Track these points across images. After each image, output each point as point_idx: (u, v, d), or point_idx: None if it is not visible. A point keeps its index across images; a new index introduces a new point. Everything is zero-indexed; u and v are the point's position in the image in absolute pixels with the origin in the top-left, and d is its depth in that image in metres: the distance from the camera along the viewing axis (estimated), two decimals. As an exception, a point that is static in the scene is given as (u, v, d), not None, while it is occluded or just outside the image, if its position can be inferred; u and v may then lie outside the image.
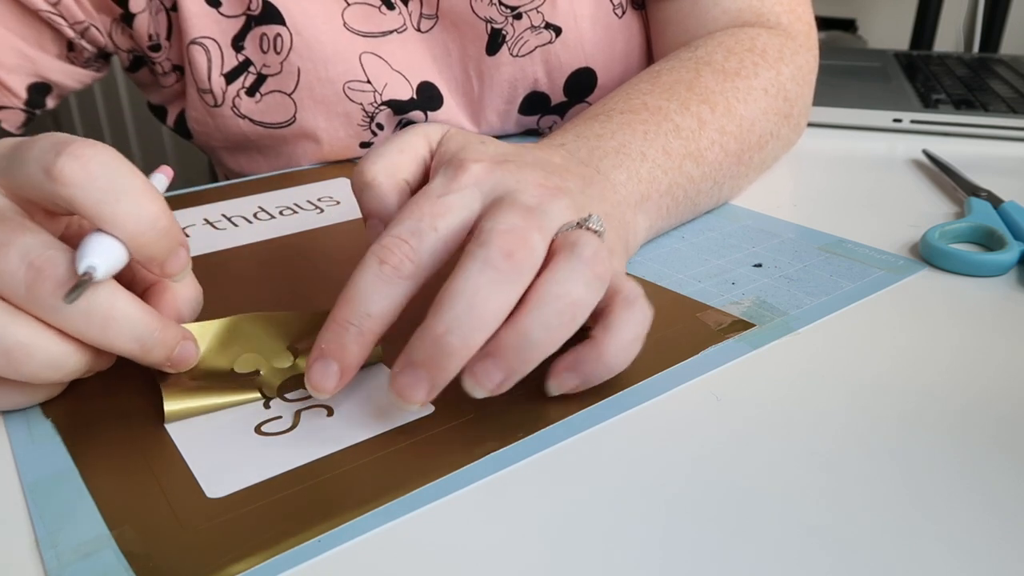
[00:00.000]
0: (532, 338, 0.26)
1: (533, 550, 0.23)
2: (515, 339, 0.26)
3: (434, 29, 0.58)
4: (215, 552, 0.23)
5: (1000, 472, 0.26)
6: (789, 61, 0.50)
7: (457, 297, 0.26)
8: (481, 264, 0.26)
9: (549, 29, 0.57)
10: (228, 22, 0.54)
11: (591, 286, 0.27)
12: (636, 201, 0.39)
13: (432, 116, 0.59)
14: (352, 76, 0.56)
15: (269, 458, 0.27)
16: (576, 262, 0.27)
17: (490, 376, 0.27)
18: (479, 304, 0.26)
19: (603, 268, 0.28)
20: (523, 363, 0.27)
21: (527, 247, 0.27)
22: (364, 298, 0.28)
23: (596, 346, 0.29)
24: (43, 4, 0.53)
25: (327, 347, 0.28)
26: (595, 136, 0.41)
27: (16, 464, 0.27)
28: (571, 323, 0.27)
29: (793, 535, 0.24)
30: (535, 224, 0.28)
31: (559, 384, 0.29)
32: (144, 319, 0.28)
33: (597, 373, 0.29)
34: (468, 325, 0.26)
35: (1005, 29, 1.43)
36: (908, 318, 0.35)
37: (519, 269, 0.27)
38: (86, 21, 0.55)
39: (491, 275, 0.26)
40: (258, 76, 0.55)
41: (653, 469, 0.26)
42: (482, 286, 0.26)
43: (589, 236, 0.28)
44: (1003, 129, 0.62)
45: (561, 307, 0.27)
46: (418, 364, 0.27)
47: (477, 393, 0.27)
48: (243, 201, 0.52)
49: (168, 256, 0.29)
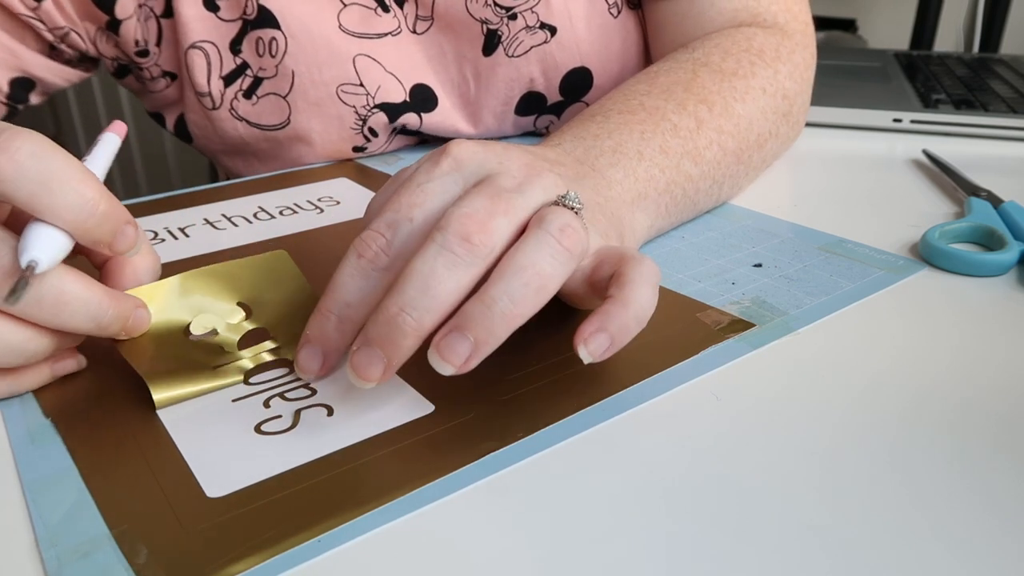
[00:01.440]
0: (497, 308, 0.26)
1: (533, 550, 0.23)
2: (480, 310, 0.26)
3: (429, 31, 0.58)
4: (215, 552, 0.23)
5: (1000, 472, 0.26)
6: (786, 60, 0.50)
7: (413, 279, 0.27)
8: (438, 247, 0.27)
9: (544, 29, 0.57)
10: (226, 26, 0.55)
11: (558, 258, 0.27)
12: (633, 199, 0.39)
13: (426, 118, 0.59)
14: (345, 79, 0.56)
15: (269, 458, 0.27)
16: (543, 234, 0.28)
17: (455, 350, 0.26)
18: (433, 286, 0.27)
19: (572, 241, 0.28)
20: (489, 334, 0.26)
21: (486, 231, 0.27)
22: (343, 289, 0.30)
23: (618, 299, 0.28)
24: (22, 8, 0.53)
25: (311, 334, 0.30)
26: (592, 136, 0.41)
27: (16, 464, 0.27)
28: (537, 294, 0.27)
29: (793, 534, 0.24)
30: (502, 207, 0.28)
31: (592, 348, 0.27)
32: (95, 298, 0.29)
33: (626, 326, 0.28)
34: (422, 306, 0.27)
35: (1005, 29, 1.43)
36: (908, 318, 0.35)
37: (475, 252, 0.27)
38: (66, 27, 0.55)
39: (447, 258, 0.27)
40: (255, 79, 0.56)
41: (653, 468, 0.26)
42: (437, 268, 0.27)
43: (561, 211, 0.29)
44: (1003, 129, 0.62)
45: (526, 278, 0.27)
46: (374, 343, 0.27)
47: (444, 370, 0.27)
48: (243, 201, 0.52)
49: (114, 237, 0.29)
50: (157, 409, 0.30)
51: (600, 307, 0.28)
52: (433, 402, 0.30)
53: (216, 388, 0.31)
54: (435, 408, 0.29)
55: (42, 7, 0.53)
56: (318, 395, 0.30)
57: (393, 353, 0.27)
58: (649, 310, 0.29)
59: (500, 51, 0.58)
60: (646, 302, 0.28)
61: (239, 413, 0.29)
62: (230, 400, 0.30)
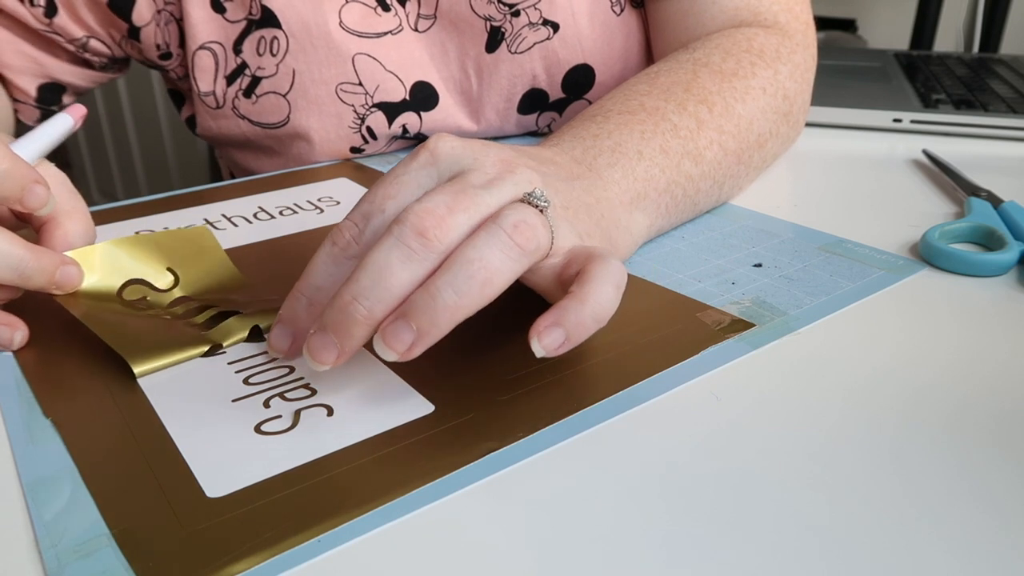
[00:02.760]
0: (440, 298, 0.27)
1: (533, 550, 0.23)
2: (424, 299, 0.27)
3: (432, 28, 0.58)
4: (215, 552, 0.23)
5: (1001, 472, 0.26)
6: (787, 60, 0.50)
7: (368, 269, 0.28)
8: (394, 240, 0.28)
9: (547, 26, 0.57)
10: (232, 27, 0.55)
11: (508, 253, 0.28)
12: (632, 198, 0.39)
13: (427, 116, 0.59)
14: (345, 78, 0.56)
15: (269, 458, 0.27)
16: (495, 229, 0.28)
17: (398, 336, 0.27)
18: (385, 278, 0.28)
19: (524, 238, 0.28)
20: (432, 324, 0.27)
21: (443, 226, 0.28)
22: (315, 273, 0.31)
23: (577, 296, 0.28)
24: (37, 24, 0.56)
25: (283, 315, 0.32)
26: (591, 136, 0.41)
27: (16, 464, 0.27)
28: (482, 288, 0.27)
29: (793, 534, 0.24)
30: (463, 204, 0.29)
31: (545, 342, 0.28)
32: (13, 250, 0.33)
33: (582, 322, 0.28)
34: (373, 296, 0.28)
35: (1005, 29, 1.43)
36: (908, 318, 0.35)
37: (429, 247, 0.28)
38: (84, 37, 0.57)
39: (401, 251, 0.28)
40: (252, 78, 0.56)
41: (653, 468, 0.26)
42: (391, 261, 0.28)
43: (520, 208, 0.29)
44: (1003, 129, 0.62)
45: (471, 271, 0.27)
46: (328, 328, 0.28)
47: (387, 355, 0.27)
48: (243, 201, 0.52)
49: (22, 194, 0.34)
50: (138, 377, 0.32)
51: (558, 302, 0.28)
52: (433, 402, 0.30)
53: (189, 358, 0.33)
54: (435, 408, 0.29)
55: (55, 22, 0.56)
56: (318, 395, 0.30)
57: (345, 340, 0.28)
58: (608, 309, 0.29)
59: (503, 48, 0.58)
60: (605, 301, 0.29)
61: (239, 413, 0.29)
62: (230, 400, 0.30)
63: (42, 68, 0.58)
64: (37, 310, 0.37)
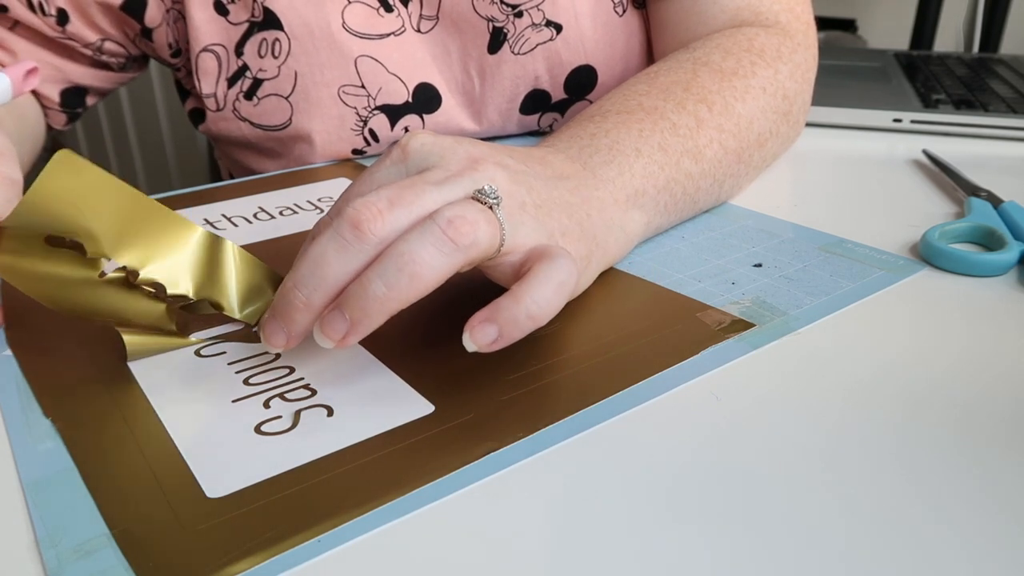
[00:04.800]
0: (370, 290, 0.28)
1: (533, 550, 0.23)
2: (356, 290, 0.28)
3: (434, 29, 0.58)
4: (215, 552, 0.23)
5: (1002, 471, 0.26)
6: (787, 60, 0.50)
7: (306, 259, 0.29)
8: (331, 232, 0.29)
9: (550, 27, 0.57)
10: (234, 29, 0.56)
11: (440, 247, 0.28)
12: (629, 196, 0.39)
13: (429, 118, 0.59)
14: (347, 80, 0.56)
15: (269, 458, 0.27)
16: (429, 224, 0.29)
17: (333, 326, 0.28)
18: (321, 267, 0.29)
19: (458, 233, 0.28)
20: (363, 315, 0.28)
21: (379, 220, 0.29)
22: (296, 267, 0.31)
23: (514, 293, 0.29)
24: (52, 32, 0.58)
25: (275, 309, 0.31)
26: (588, 135, 0.41)
27: (16, 464, 0.27)
28: (412, 280, 0.28)
29: (794, 533, 0.24)
30: (407, 199, 0.30)
31: (476, 337, 0.28)
32: None
33: (515, 319, 0.28)
34: (310, 285, 0.29)
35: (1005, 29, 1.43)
36: (908, 318, 0.35)
37: (363, 240, 0.29)
38: (98, 41, 0.59)
39: (337, 243, 0.29)
40: (254, 80, 0.57)
41: (653, 469, 0.26)
42: (328, 252, 0.29)
43: (461, 204, 0.29)
44: (1003, 129, 0.62)
45: (400, 263, 0.28)
46: (276, 314, 0.30)
47: (324, 343, 0.29)
48: (243, 201, 0.52)
49: None
50: (129, 361, 0.33)
51: (496, 299, 0.29)
52: (433, 402, 0.30)
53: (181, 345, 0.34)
54: (435, 408, 0.29)
55: (68, 29, 0.58)
56: (318, 395, 0.30)
57: (290, 325, 0.29)
58: (544, 308, 0.29)
59: (506, 49, 0.58)
60: (542, 300, 0.29)
61: (239, 413, 0.29)
62: (230, 400, 0.30)
63: (63, 74, 0.60)
64: (38, 310, 0.37)
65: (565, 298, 0.30)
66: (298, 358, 0.33)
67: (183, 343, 0.34)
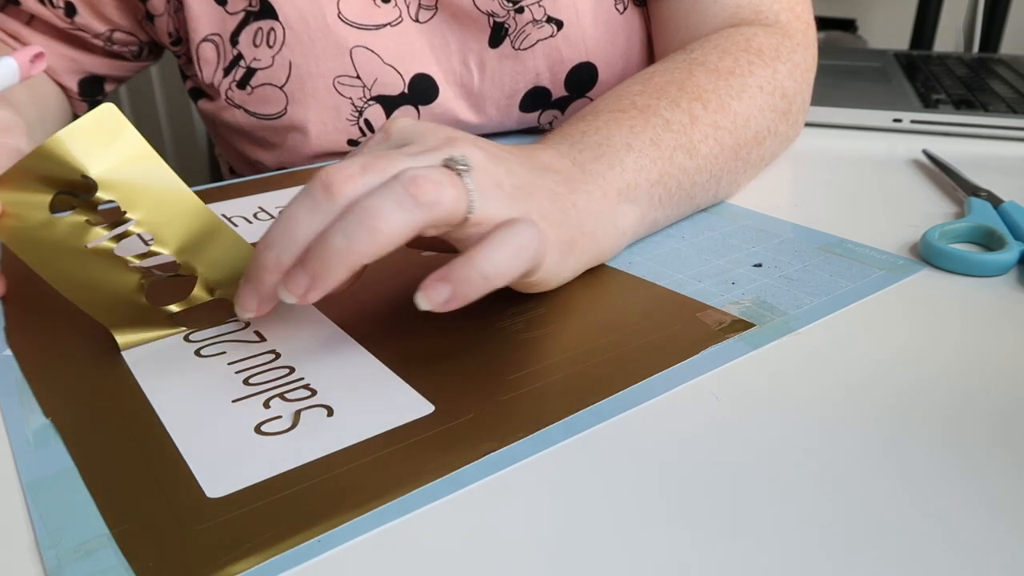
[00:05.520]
0: (331, 243, 0.28)
1: (533, 550, 0.23)
2: (318, 244, 0.29)
3: (433, 20, 0.58)
4: (215, 552, 0.23)
5: (1002, 471, 0.26)
6: (786, 59, 0.50)
7: (279, 220, 0.30)
8: (305, 194, 0.30)
9: (551, 23, 0.58)
10: (231, 18, 0.56)
11: (403, 204, 0.29)
12: (620, 189, 0.39)
13: (426, 109, 0.59)
14: (342, 71, 0.57)
15: (269, 458, 0.27)
16: (392, 182, 0.29)
17: (295, 280, 0.29)
18: (290, 227, 0.29)
19: (420, 190, 0.29)
20: (324, 268, 0.29)
21: (348, 183, 0.29)
22: None
23: (469, 254, 0.29)
24: (62, 24, 0.59)
25: None
26: (579, 133, 0.42)
27: (16, 464, 0.27)
28: (371, 234, 0.28)
29: (794, 533, 0.24)
30: (379, 166, 0.30)
31: (428, 295, 0.29)
32: None
33: (468, 278, 0.29)
34: (280, 244, 0.30)
35: (1005, 29, 1.43)
36: (908, 318, 0.35)
37: (332, 200, 0.29)
38: (107, 31, 0.60)
39: (308, 203, 0.29)
40: (247, 70, 0.57)
41: (653, 468, 0.26)
42: (299, 212, 0.30)
43: (429, 168, 0.30)
44: (1003, 129, 0.62)
45: (361, 216, 0.28)
46: (248, 278, 0.30)
47: (286, 298, 0.29)
48: (243, 201, 0.52)
49: None
50: (122, 351, 0.34)
51: (451, 261, 0.29)
52: (433, 402, 0.30)
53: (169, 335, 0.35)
54: (435, 408, 0.29)
55: (77, 20, 0.59)
56: (318, 395, 0.30)
57: (259, 286, 0.30)
58: (501, 268, 0.29)
59: (507, 44, 0.58)
60: (497, 260, 0.29)
61: (239, 413, 0.29)
62: (230, 400, 0.30)
63: (78, 64, 0.62)
64: (38, 310, 0.37)
65: (524, 263, 0.30)
66: (298, 358, 0.33)
67: (172, 332, 0.35)
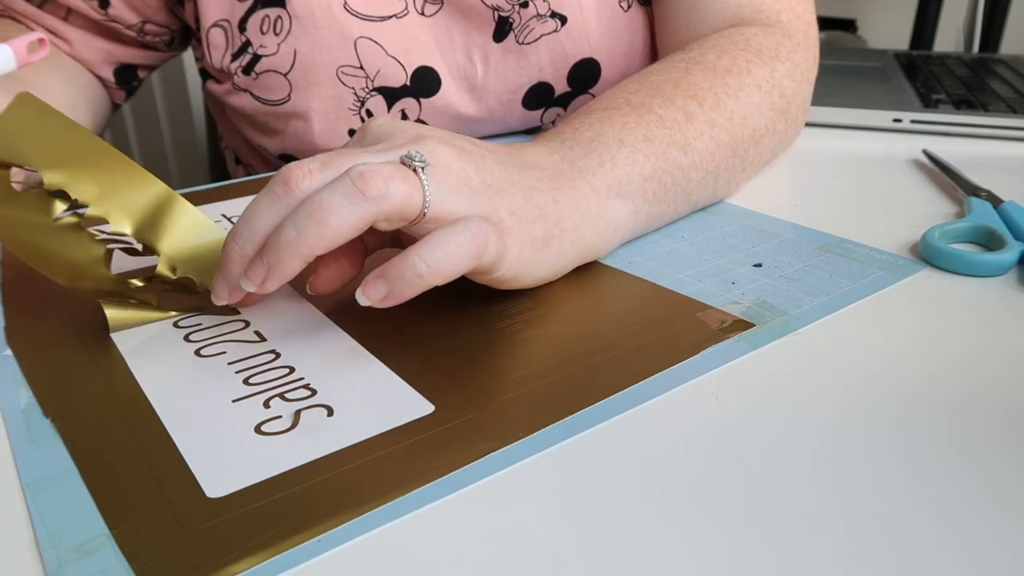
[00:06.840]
0: (283, 236, 0.30)
1: (533, 550, 0.23)
2: (273, 236, 0.31)
3: (439, 13, 0.58)
4: (215, 552, 0.23)
5: (1003, 470, 0.26)
6: (786, 59, 0.50)
7: (244, 213, 0.32)
8: (267, 188, 0.32)
9: (555, 18, 0.58)
10: (240, 5, 0.56)
11: (351, 198, 0.30)
12: (611, 185, 0.39)
13: (427, 102, 0.59)
14: (346, 61, 0.57)
15: (269, 458, 0.27)
16: (342, 177, 0.31)
17: (254, 270, 0.31)
18: (252, 220, 0.32)
19: (367, 185, 0.30)
20: (278, 259, 0.31)
21: (306, 178, 0.31)
22: None
23: (405, 252, 0.31)
24: (97, 16, 0.60)
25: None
26: (571, 130, 0.42)
27: (16, 464, 0.27)
28: (319, 227, 0.30)
29: (795, 533, 0.24)
30: (337, 163, 0.32)
31: (367, 292, 0.31)
32: None
33: (401, 275, 0.30)
34: (243, 236, 0.32)
35: (1005, 29, 1.43)
36: (908, 318, 0.35)
37: (289, 194, 0.31)
38: (139, 22, 0.62)
39: (268, 198, 0.32)
40: (253, 56, 0.57)
41: (653, 469, 0.26)
42: (260, 206, 0.32)
43: (380, 164, 0.31)
44: (1003, 129, 0.62)
45: (310, 210, 0.30)
46: (219, 268, 0.33)
47: (246, 286, 0.32)
48: (243, 201, 0.52)
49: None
50: (111, 332, 0.35)
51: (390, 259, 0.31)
52: (433, 402, 0.30)
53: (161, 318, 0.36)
54: (435, 408, 0.29)
55: (110, 12, 0.60)
56: (318, 395, 0.30)
57: (228, 276, 0.32)
58: (435, 267, 0.30)
59: (511, 38, 0.58)
60: (431, 259, 0.30)
61: (239, 413, 0.29)
62: (230, 400, 0.30)
63: (112, 55, 0.64)
64: (38, 310, 0.37)
65: (463, 261, 0.31)
66: (298, 358, 0.33)
67: (162, 316, 0.36)
